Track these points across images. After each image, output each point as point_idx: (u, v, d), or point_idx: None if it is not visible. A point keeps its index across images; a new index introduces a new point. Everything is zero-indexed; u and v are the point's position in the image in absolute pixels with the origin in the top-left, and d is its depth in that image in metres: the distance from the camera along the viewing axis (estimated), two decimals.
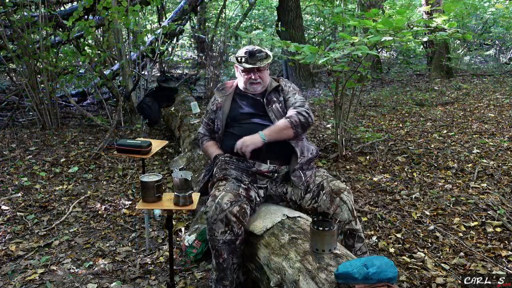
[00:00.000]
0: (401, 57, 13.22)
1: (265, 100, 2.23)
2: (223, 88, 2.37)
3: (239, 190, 1.98)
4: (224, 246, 1.90)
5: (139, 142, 2.56)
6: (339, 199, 2.02)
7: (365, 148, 4.39)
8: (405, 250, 2.52)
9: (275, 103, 2.23)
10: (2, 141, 5.07)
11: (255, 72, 2.21)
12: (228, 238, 1.89)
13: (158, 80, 4.62)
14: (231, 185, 2.00)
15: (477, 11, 11.65)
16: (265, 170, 2.12)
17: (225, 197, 1.91)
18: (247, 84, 2.25)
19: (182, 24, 7.36)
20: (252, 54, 2.19)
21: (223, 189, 1.97)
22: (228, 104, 2.28)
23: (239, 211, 1.89)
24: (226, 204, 1.88)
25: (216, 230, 1.88)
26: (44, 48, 5.49)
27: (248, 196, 2.00)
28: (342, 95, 4.10)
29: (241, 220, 1.90)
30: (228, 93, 2.32)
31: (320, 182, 2.09)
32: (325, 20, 12.92)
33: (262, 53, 2.21)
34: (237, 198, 1.93)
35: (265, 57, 2.22)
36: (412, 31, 3.12)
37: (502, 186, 3.33)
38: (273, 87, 2.28)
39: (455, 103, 6.72)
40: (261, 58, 2.20)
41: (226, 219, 1.86)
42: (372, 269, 1.38)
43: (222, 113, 2.26)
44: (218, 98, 2.31)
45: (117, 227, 3.05)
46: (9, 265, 2.54)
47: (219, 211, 1.87)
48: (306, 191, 2.10)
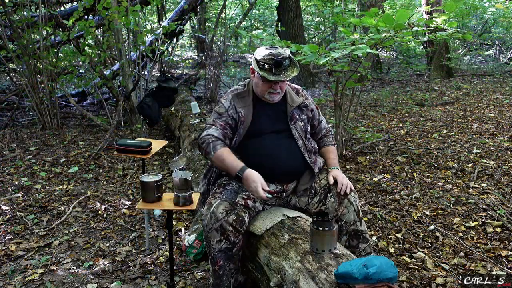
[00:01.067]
0: (401, 57, 13.23)
1: (289, 116, 2.05)
2: (243, 96, 2.05)
3: (236, 199, 1.90)
4: (220, 254, 1.87)
5: (139, 142, 2.56)
6: (347, 200, 2.00)
7: (365, 148, 4.39)
8: (405, 250, 2.52)
9: (298, 121, 2.06)
10: (2, 141, 5.07)
11: (277, 82, 1.94)
12: (224, 246, 1.85)
13: (158, 80, 4.61)
14: (228, 194, 1.92)
15: (477, 11, 11.64)
16: (272, 190, 1.99)
17: (220, 206, 1.84)
18: (265, 93, 1.98)
19: (182, 24, 7.36)
20: (279, 64, 1.88)
21: (219, 197, 1.89)
22: (250, 116, 2.01)
23: (235, 219, 1.82)
24: (221, 214, 1.82)
25: (212, 238, 1.84)
26: (44, 48, 5.49)
27: (246, 205, 1.92)
28: (342, 95, 4.10)
29: (238, 229, 1.84)
30: (248, 102, 2.03)
31: (326, 185, 2.06)
32: (325, 20, 12.92)
33: (287, 60, 1.91)
34: (233, 207, 1.86)
35: (290, 65, 1.94)
36: (412, 31, 3.11)
37: (502, 186, 3.33)
38: (297, 103, 2.07)
39: (455, 103, 6.72)
40: (286, 67, 1.91)
41: (222, 228, 1.82)
42: (372, 269, 1.38)
43: (243, 128, 2.01)
44: (241, 110, 2.01)
45: (117, 227, 3.05)
46: (9, 265, 2.54)
47: (214, 220, 1.82)
48: (314, 195, 2.07)
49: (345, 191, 2.00)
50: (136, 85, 5.65)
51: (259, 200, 1.98)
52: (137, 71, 5.59)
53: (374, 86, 9.44)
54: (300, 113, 2.08)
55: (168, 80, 4.62)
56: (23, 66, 5.74)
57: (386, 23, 2.94)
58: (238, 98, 2.05)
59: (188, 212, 3.20)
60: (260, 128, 2.01)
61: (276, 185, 2.00)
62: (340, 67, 3.73)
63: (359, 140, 4.64)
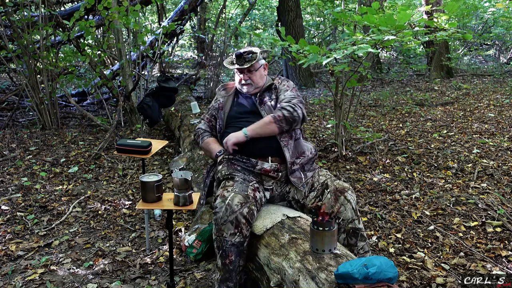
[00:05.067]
0: (401, 57, 13.24)
1: (258, 100, 2.25)
2: (224, 88, 2.40)
3: (247, 191, 1.97)
4: (232, 248, 1.89)
5: (139, 142, 2.56)
6: (343, 198, 2.03)
7: (365, 148, 4.39)
8: (405, 250, 2.52)
9: (267, 102, 2.23)
10: (2, 141, 5.07)
11: (244, 73, 2.24)
12: (237, 240, 1.88)
13: (158, 80, 4.61)
14: (240, 186, 1.99)
15: (477, 11, 11.64)
16: (269, 168, 2.11)
17: (235, 199, 1.89)
18: (239, 85, 2.29)
19: (182, 24, 7.35)
20: (239, 56, 2.23)
21: (232, 190, 1.96)
22: (229, 104, 2.32)
23: (248, 212, 1.89)
24: (236, 206, 1.87)
25: (225, 231, 1.87)
26: (44, 48, 5.49)
27: (254, 197, 2.00)
28: (342, 95, 4.10)
29: (250, 221, 1.90)
30: (229, 93, 2.36)
31: (325, 181, 2.10)
32: (325, 20, 12.93)
33: (250, 54, 2.23)
34: (246, 199, 1.92)
35: (252, 58, 2.23)
36: (412, 30, 3.11)
37: (502, 186, 3.33)
38: (267, 85, 2.30)
39: (455, 103, 6.72)
40: (248, 59, 2.23)
41: (237, 220, 1.86)
42: (372, 269, 1.38)
43: (223, 113, 2.30)
44: (220, 98, 2.35)
45: (117, 227, 3.05)
46: (9, 265, 2.54)
47: (229, 212, 1.86)
48: (311, 190, 2.12)
49: (341, 189, 2.04)
50: (136, 85, 5.66)
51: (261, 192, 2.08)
52: (137, 71, 5.59)
53: (374, 86, 9.44)
54: (270, 94, 2.28)
55: (168, 80, 4.61)
56: (23, 66, 5.74)
57: (387, 24, 2.94)
58: (220, 90, 2.40)
59: (188, 212, 3.20)
60: (237, 114, 2.27)
61: (270, 162, 2.13)
62: (341, 67, 3.73)
63: (359, 140, 4.64)
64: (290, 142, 2.15)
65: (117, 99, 5.79)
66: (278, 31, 9.04)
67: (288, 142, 2.15)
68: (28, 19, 5.39)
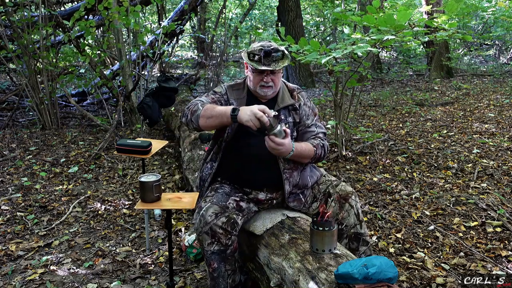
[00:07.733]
0: (401, 57, 13.24)
1: None
2: (237, 89, 2.05)
3: (227, 202, 1.89)
4: (213, 256, 1.86)
5: (139, 142, 2.56)
6: (348, 205, 1.99)
7: (365, 148, 4.39)
8: (405, 250, 2.52)
9: (282, 122, 1.96)
10: (2, 141, 5.07)
11: (268, 74, 1.91)
12: (216, 248, 1.84)
13: (158, 80, 4.61)
14: (218, 197, 1.91)
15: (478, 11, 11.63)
16: (262, 198, 2.02)
17: (209, 210, 1.83)
18: (257, 87, 1.95)
19: (182, 24, 7.35)
20: (268, 54, 1.87)
21: (209, 200, 1.89)
22: None
23: (225, 222, 1.80)
24: (210, 217, 1.80)
25: (203, 241, 1.84)
26: (44, 48, 5.49)
27: (238, 207, 1.91)
28: (342, 95, 4.10)
29: (229, 231, 1.81)
30: (242, 96, 2.03)
31: (326, 189, 2.04)
32: (325, 20, 12.92)
33: (278, 52, 1.90)
34: (224, 209, 1.84)
35: (281, 57, 1.92)
36: (412, 30, 3.11)
37: (502, 186, 3.33)
38: (286, 104, 2.00)
39: (455, 103, 6.72)
40: (277, 58, 1.89)
41: (211, 231, 1.80)
42: (372, 269, 1.38)
43: None
44: (234, 102, 2.00)
45: (117, 227, 3.05)
46: (9, 265, 2.53)
47: (203, 223, 1.81)
48: (313, 201, 2.06)
49: (345, 195, 1.99)
50: (136, 85, 5.66)
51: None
52: (137, 71, 5.59)
53: (374, 86, 9.44)
54: (287, 114, 2.01)
55: (168, 80, 4.62)
56: (23, 66, 5.74)
57: (387, 23, 2.94)
58: (232, 89, 2.05)
59: (188, 212, 3.20)
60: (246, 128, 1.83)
61: (265, 193, 2.01)
62: (341, 67, 3.74)
63: (359, 140, 4.64)
64: (293, 175, 2.00)
65: (117, 99, 5.79)
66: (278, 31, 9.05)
67: (291, 174, 1.99)
68: (28, 19, 5.39)
